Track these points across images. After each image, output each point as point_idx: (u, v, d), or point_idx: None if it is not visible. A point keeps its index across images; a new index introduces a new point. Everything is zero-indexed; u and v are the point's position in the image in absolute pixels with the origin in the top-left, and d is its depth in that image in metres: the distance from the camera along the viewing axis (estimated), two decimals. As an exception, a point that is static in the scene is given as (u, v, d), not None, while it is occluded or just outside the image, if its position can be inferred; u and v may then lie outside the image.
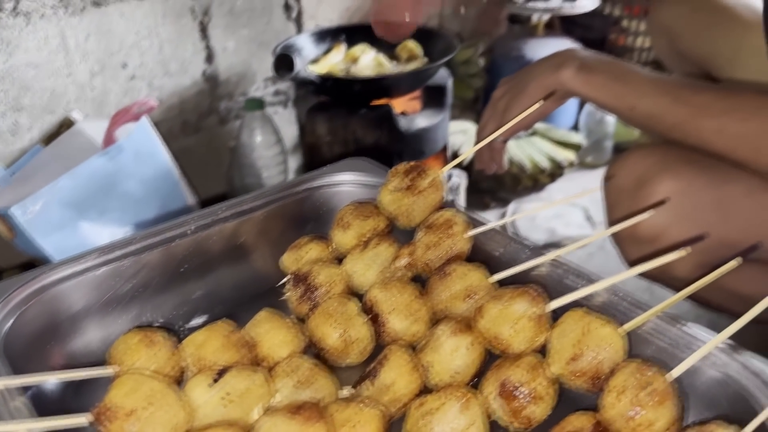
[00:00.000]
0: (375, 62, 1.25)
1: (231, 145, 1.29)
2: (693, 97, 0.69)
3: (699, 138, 0.68)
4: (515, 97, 0.83)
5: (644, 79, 0.73)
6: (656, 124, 0.72)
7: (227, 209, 0.70)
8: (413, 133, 1.16)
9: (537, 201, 1.49)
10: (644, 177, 0.70)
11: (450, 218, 0.62)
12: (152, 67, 1.18)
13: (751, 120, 0.64)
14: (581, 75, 0.76)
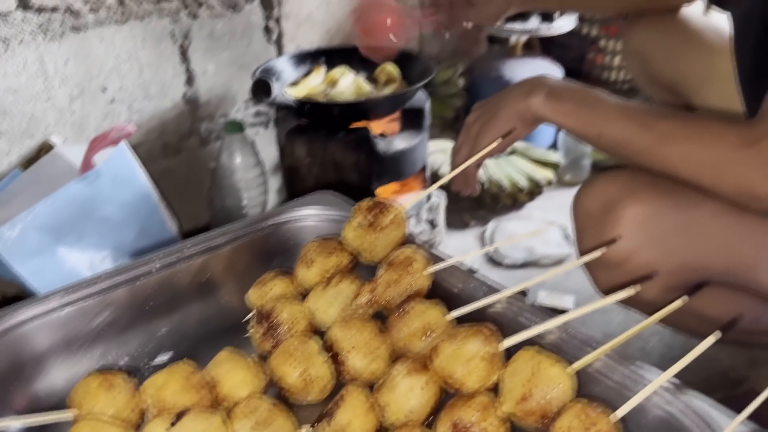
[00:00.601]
0: (354, 85, 1.27)
1: (211, 167, 1.30)
2: (658, 124, 0.70)
3: (664, 164, 0.70)
4: (487, 123, 0.84)
5: (611, 106, 0.74)
6: (623, 150, 0.74)
7: (193, 246, 0.71)
8: (392, 155, 1.17)
9: (516, 219, 1.51)
10: (611, 202, 0.72)
11: (410, 256, 0.64)
12: (132, 91, 1.19)
13: (713, 147, 0.66)
14: (550, 102, 0.77)
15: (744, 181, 0.63)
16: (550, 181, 1.54)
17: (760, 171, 0.62)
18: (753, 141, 0.62)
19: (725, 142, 0.64)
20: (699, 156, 0.66)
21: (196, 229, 1.38)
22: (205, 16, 1.24)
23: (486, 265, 1.35)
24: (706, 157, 0.66)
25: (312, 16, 1.44)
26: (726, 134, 0.65)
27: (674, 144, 0.68)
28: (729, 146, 0.64)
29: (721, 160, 0.65)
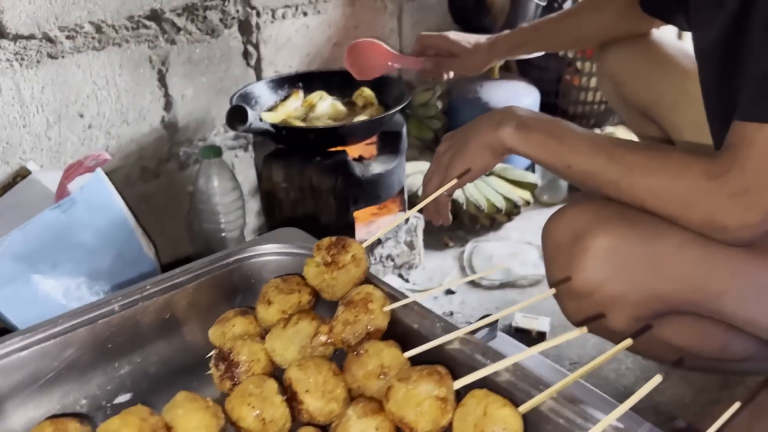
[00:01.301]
0: (332, 109, 1.28)
1: (190, 190, 1.31)
2: (625, 155, 0.72)
3: (632, 195, 0.72)
4: (457, 153, 0.85)
5: (580, 137, 0.76)
6: (592, 182, 0.75)
7: (154, 285, 0.71)
8: (369, 178, 1.18)
9: (494, 240, 1.53)
10: (579, 233, 0.73)
11: (368, 294, 0.64)
12: (110, 116, 1.19)
13: (679, 179, 0.67)
14: (519, 133, 0.78)
15: (710, 213, 0.65)
16: (527, 202, 1.56)
17: (725, 203, 0.64)
18: (718, 173, 0.64)
19: (691, 175, 0.66)
20: (665, 188, 0.68)
21: (175, 253, 1.38)
22: (184, 41, 1.25)
23: (464, 286, 1.36)
24: (672, 189, 0.67)
25: (291, 41, 1.45)
26: (692, 166, 0.66)
27: (641, 176, 0.70)
28: (694, 178, 0.65)
29: (687, 192, 0.66)
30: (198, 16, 1.26)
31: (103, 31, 1.13)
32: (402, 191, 1.31)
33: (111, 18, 1.13)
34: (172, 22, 1.22)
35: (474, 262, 1.43)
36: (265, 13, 1.38)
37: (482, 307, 1.29)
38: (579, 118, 1.90)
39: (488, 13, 1.55)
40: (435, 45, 1.20)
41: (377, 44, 1.23)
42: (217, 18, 1.29)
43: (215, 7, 1.28)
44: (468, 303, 1.30)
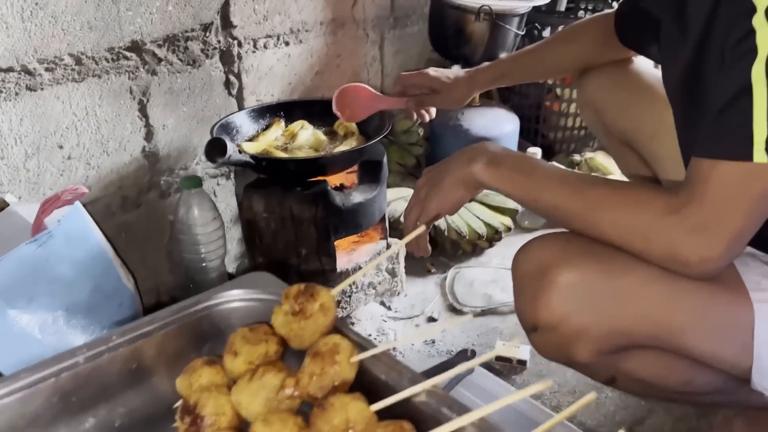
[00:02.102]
0: (313, 138, 1.29)
1: (171, 220, 1.30)
2: (590, 191, 0.74)
3: (596, 229, 0.73)
4: (434, 188, 0.87)
5: (547, 173, 0.78)
6: (559, 215, 0.77)
7: (120, 336, 0.70)
8: (350, 208, 1.19)
9: (476, 266, 1.53)
10: (545, 267, 0.75)
11: (335, 345, 0.64)
12: (90, 147, 1.19)
13: (640, 213, 0.69)
14: (490, 169, 0.81)
15: (671, 247, 0.66)
16: (508, 228, 1.57)
17: (685, 237, 0.65)
18: (677, 208, 0.65)
19: (651, 209, 0.68)
20: (627, 222, 0.70)
21: (155, 282, 1.38)
22: (165, 71, 1.26)
23: (446, 313, 1.36)
24: (634, 224, 0.69)
25: (273, 70, 1.46)
26: (652, 201, 0.68)
27: (604, 210, 0.72)
28: (655, 213, 0.67)
29: (648, 226, 0.68)
30: (179, 46, 1.27)
31: (83, 63, 1.13)
32: (383, 219, 1.32)
33: (91, 50, 1.14)
34: (153, 53, 1.23)
35: (456, 289, 1.43)
36: (247, 43, 1.39)
37: (464, 334, 1.29)
38: (559, 143, 1.92)
39: (468, 42, 1.57)
40: (415, 84, 1.21)
41: (364, 88, 1.25)
42: (198, 48, 1.30)
43: (196, 37, 1.29)
44: (450, 330, 1.30)
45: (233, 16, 1.34)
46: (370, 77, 1.71)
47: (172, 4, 1.23)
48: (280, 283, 0.81)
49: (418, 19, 1.77)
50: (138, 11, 1.18)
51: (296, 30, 1.48)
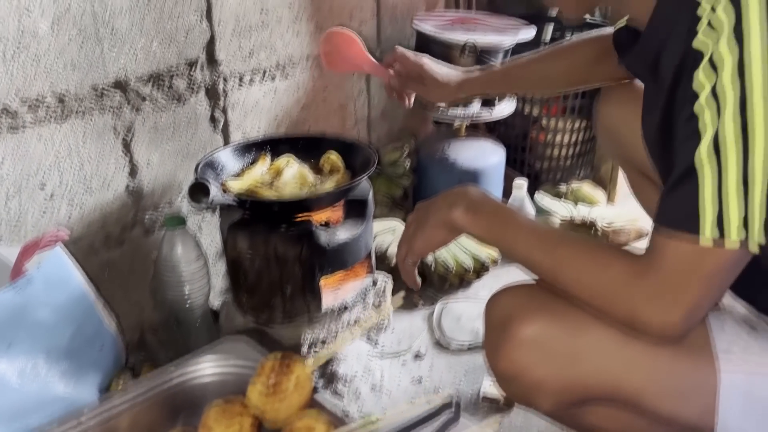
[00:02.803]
0: (298, 175, 1.28)
1: (154, 257, 1.29)
2: (559, 248, 0.75)
3: (562, 285, 0.75)
4: (419, 228, 0.89)
5: (521, 226, 0.79)
6: (529, 268, 0.79)
7: (92, 418, 0.68)
8: (335, 246, 1.18)
9: (464, 299, 1.53)
10: (509, 317, 0.76)
11: (310, 426, 0.63)
12: (72, 186, 1.18)
13: (602, 275, 0.70)
14: (468, 215, 0.82)
15: (631, 311, 0.67)
16: (495, 260, 1.57)
17: (645, 303, 0.66)
18: (639, 273, 0.66)
19: (613, 272, 0.68)
20: (591, 283, 0.71)
21: (140, 319, 1.36)
22: (149, 109, 1.26)
23: (433, 349, 1.35)
24: (597, 284, 0.70)
25: (258, 105, 1.46)
26: (615, 264, 0.69)
27: (570, 269, 0.73)
28: (617, 277, 0.68)
29: (611, 289, 0.69)
30: (164, 84, 1.26)
31: (66, 102, 1.13)
32: (369, 255, 1.31)
33: (74, 89, 1.13)
34: (137, 90, 1.22)
35: (443, 323, 1.42)
36: (233, 78, 1.39)
37: (451, 372, 1.28)
38: (546, 172, 1.93)
39: (454, 75, 1.58)
40: (406, 64, 1.21)
41: (354, 40, 1.23)
42: (183, 85, 1.30)
43: (181, 74, 1.29)
44: (437, 367, 1.29)
45: (219, 53, 1.34)
46: (357, 109, 1.72)
47: (156, 42, 1.23)
48: (256, 347, 0.79)
49: (404, 52, 1.78)
50: (122, 50, 1.18)
51: (282, 65, 1.48)
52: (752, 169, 0.58)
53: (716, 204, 0.60)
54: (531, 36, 1.59)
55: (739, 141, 0.58)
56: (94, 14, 1.12)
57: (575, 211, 1.76)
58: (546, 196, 1.80)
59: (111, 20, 1.15)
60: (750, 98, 0.57)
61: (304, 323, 1.20)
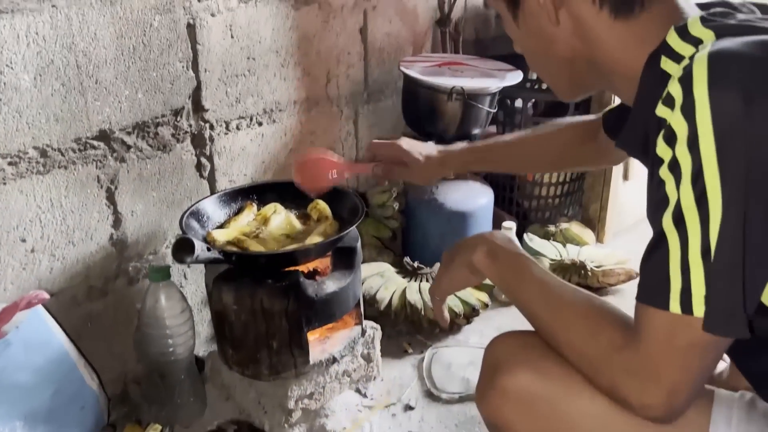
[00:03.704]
0: (285, 223, 1.27)
1: (139, 307, 1.26)
2: (561, 308, 0.74)
3: (556, 345, 0.74)
4: (446, 267, 0.91)
5: (533, 279, 0.79)
6: (531, 321, 0.79)
7: None
8: (323, 298, 1.16)
9: (454, 344, 1.51)
10: (499, 365, 0.77)
11: None
12: (54, 239, 1.16)
13: (591, 343, 0.69)
14: (487, 259, 0.84)
15: (612, 384, 0.66)
16: (485, 304, 1.56)
17: (624, 377, 0.65)
18: (621, 346, 0.65)
19: (602, 341, 0.67)
20: (580, 348, 0.70)
21: (123, 371, 1.33)
22: (134, 158, 1.24)
23: (424, 400, 1.33)
24: (585, 351, 0.69)
25: (245, 150, 1.45)
26: (604, 333, 0.67)
27: (565, 332, 0.72)
28: (604, 346, 0.67)
29: (596, 358, 0.68)
30: (149, 132, 1.25)
31: (48, 155, 1.11)
32: (358, 304, 1.29)
33: (57, 142, 1.12)
34: (121, 140, 1.21)
35: (433, 372, 1.40)
36: (219, 125, 1.38)
37: (441, 424, 1.25)
38: (534, 211, 1.93)
39: (441, 118, 1.58)
40: (386, 154, 1.19)
41: (323, 159, 1.20)
42: (169, 133, 1.29)
43: (167, 123, 1.28)
44: (427, 420, 1.27)
45: (205, 101, 1.33)
46: (345, 151, 1.71)
47: (142, 92, 1.22)
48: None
49: (392, 93, 1.78)
50: (106, 101, 1.17)
51: (269, 110, 1.48)
52: (712, 240, 0.58)
53: (681, 275, 0.59)
54: (518, 80, 1.59)
55: (696, 211, 0.58)
56: (78, 66, 1.11)
57: (564, 252, 1.75)
58: (535, 237, 1.79)
59: (95, 72, 1.14)
60: (704, 170, 0.57)
61: (291, 377, 1.18)
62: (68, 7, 1.07)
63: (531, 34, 0.77)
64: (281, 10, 1.42)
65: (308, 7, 1.48)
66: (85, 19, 1.10)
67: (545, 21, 0.73)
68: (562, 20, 0.72)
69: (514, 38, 0.83)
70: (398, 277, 1.61)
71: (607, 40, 0.71)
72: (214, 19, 1.30)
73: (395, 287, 1.55)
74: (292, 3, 1.44)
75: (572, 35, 0.73)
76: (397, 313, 1.51)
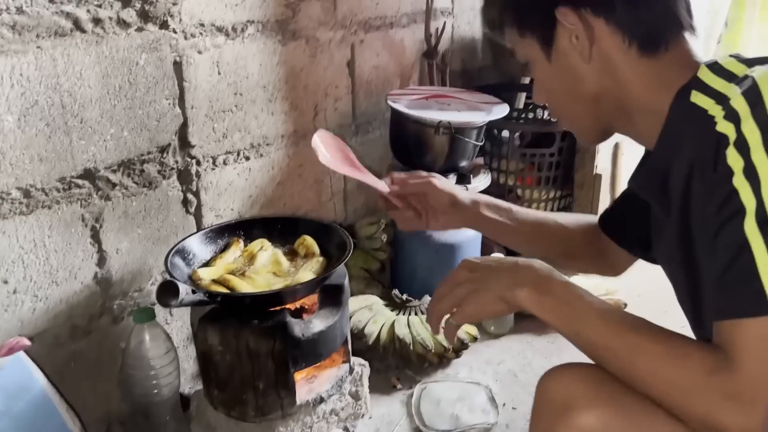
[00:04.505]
0: (272, 260, 1.26)
1: (122, 347, 1.25)
2: (631, 334, 0.71)
3: (633, 376, 0.70)
4: (475, 294, 0.83)
5: (592, 307, 0.75)
6: (596, 354, 0.74)
7: None
8: (310, 337, 1.15)
9: (443, 379, 1.49)
10: (570, 402, 0.72)
11: None
12: (37, 279, 1.14)
13: (683, 368, 0.65)
14: (533, 295, 0.77)
15: (710, 411, 0.63)
16: (474, 337, 1.55)
17: (724, 401, 0.62)
18: (717, 369, 0.63)
19: (696, 366, 0.64)
20: (668, 375, 0.66)
21: (107, 410, 1.31)
22: (119, 196, 1.23)
23: (412, 437, 1.31)
24: (674, 378, 0.66)
25: (232, 185, 1.45)
26: (697, 357, 0.65)
27: (645, 358, 0.68)
28: (698, 371, 0.64)
29: (690, 383, 0.64)
30: (134, 170, 1.24)
31: (31, 196, 1.10)
32: (346, 342, 1.28)
33: (41, 182, 1.11)
34: (106, 178, 1.20)
35: (422, 408, 1.39)
36: (206, 161, 1.37)
37: (430, 464, 1.24)
38: (523, 241, 1.92)
39: (429, 151, 1.59)
40: (415, 193, 1.11)
41: (348, 150, 1.14)
42: (154, 170, 1.28)
43: (153, 159, 1.27)
44: (416, 459, 1.25)
45: (191, 137, 1.33)
46: (333, 183, 1.71)
47: (127, 129, 1.21)
48: None
49: (379, 125, 1.78)
50: (92, 140, 1.16)
51: (257, 144, 1.47)
52: None
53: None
54: (504, 113, 1.60)
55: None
56: (62, 106, 1.11)
57: (553, 282, 1.75)
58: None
59: (80, 111, 1.13)
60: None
61: (278, 419, 1.16)
62: (53, 48, 1.07)
63: (561, 73, 0.79)
64: (268, 46, 1.43)
65: (295, 42, 1.49)
66: (71, 60, 1.10)
67: (576, 59, 0.76)
68: (593, 57, 0.75)
69: (542, 81, 0.84)
70: (387, 310, 1.60)
71: (633, 77, 0.75)
72: (201, 56, 1.30)
73: (384, 321, 1.54)
74: (280, 38, 1.45)
75: (601, 72, 0.76)
76: (386, 347, 1.50)
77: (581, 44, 0.75)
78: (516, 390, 1.45)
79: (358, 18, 1.63)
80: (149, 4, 1.18)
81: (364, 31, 1.66)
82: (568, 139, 1.83)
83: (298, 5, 1.47)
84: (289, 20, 1.46)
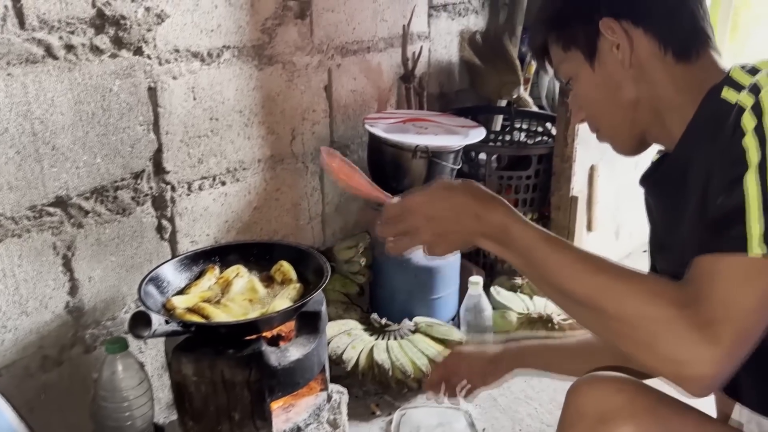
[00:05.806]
0: (248, 287, 1.25)
1: (95, 377, 1.22)
2: (599, 274, 0.69)
3: (603, 320, 0.69)
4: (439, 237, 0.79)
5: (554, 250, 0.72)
6: (563, 298, 0.72)
7: None
8: (286, 366, 1.13)
9: (422, 404, 1.48)
10: (608, 416, 0.73)
11: None
12: (6, 310, 1.12)
13: (649, 304, 0.65)
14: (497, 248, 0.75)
15: (678, 343, 0.62)
16: (453, 362, 1.54)
17: (690, 333, 0.62)
18: (686, 303, 0.63)
19: (659, 302, 0.64)
20: (637, 314, 0.65)
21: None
22: (92, 223, 1.21)
23: (391, 466, 1.30)
24: (644, 312, 0.65)
25: (208, 210, 1.43)
26: (661, 293, 0.65)
27: (616, 299, 0.67)
28: (664, 306, 0.64)
29: (659, 316, 0.64)
30: (108, 197, 1.23)
31: (1, 224, 1.08)
32: (323, 370, 1.26)
33: (10, 210, 1.09)
34: (79, 206, 1.18)
35: (401, 434, 1.38)
36: (181, 186, 1.36)
37: (410, 492, 1.22)
38: (501, 262, 1.93)
39: (407, 175, 1.59)
40: (454, 373, 1.13)
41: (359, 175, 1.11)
42: (128, 197, 1.27)
43: (127, 186, 1.26)
44: (395, 488, 1.24)
45: (166, 162, 1.32)
46: (311, 206, 1.70)
47: (101, 156, 1.20)
48: None
49: (357, 148, 1.79)
50: (63, 167, 1.14)
51: (233, 169, 1.47)
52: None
53: (763, 220, 0.62)
54: (481, 137, 1.61)
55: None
56: (33, 133, 1.09)
57: (531, 304, 1.75)
58: (502, 290, 1.79)
59: (52, 138, 1.12)
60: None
61: (254, 449, 1.14)
62: (24, 75, 1.06)
63: (603, 82, 0.82)
64: (244, 71, 1.43)
65: (272, 67, 1.49)
66: (42, 87, 1.08)
67: (616, 66, 0.80)
68: (632, 64, 0.79)
69: (584, 93, 0.86)
70: (365, 334, 1.59)
71: (669, 81, 0.80)
72: (176, 82, 1.29)
73: (362, 346, 1.53)
74: (256, 63, 1.45)
75: (638, 79, 0.80)
76: (365, 373, 1.49)
77: (622, 52, 0.79)
78: (496, 414, 1.44)
79: (335, 42, 1.64)
80: (123, 30, 1.17)
81: (341, 56, 1.67)
82: (544, 162, 1.84)
83: (275, 30, 1.47)
84: (266, 45, 1.46)
